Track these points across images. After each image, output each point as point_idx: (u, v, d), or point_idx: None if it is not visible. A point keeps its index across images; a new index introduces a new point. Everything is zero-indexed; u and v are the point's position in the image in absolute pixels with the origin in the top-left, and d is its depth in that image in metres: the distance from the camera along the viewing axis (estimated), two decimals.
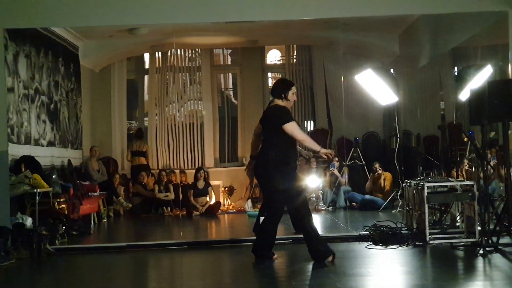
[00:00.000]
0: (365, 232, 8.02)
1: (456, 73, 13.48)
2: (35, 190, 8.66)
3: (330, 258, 6.45)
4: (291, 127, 6.53)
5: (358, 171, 12.91)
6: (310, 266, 6.61)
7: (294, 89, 6.79)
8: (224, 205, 13.06)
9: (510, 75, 8.78)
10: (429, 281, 5.56)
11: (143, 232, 10.33)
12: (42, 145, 10.50)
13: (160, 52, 14.38)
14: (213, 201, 12.65)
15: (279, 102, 6.72)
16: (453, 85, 13.24)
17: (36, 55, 10.39)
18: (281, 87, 6.79)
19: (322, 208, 11.94)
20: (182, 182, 12.98)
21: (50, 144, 10.86)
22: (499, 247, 6.93)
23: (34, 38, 10.28)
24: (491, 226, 7.31)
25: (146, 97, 14.93)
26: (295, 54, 15.04)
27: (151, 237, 9.82)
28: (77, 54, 12.51)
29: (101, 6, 8.83)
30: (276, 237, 8.51)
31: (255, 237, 8.24)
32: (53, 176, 9.53)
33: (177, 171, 13.35)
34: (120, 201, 12.04)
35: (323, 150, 6.65)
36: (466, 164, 10.81)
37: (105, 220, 11.26)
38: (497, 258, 6.61)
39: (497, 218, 7.70)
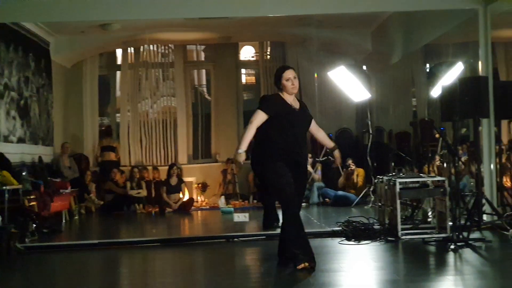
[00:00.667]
0: (338, 228, 8.04)
1: (428, 70, 13.60)
2: (4, 187, 8.55)
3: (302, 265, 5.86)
4: (254, 114, 6.07)
5: (331, 167, 12.96)
6: (284, 262, 6.61)
7: (286, 75, 6.08)
8: (197, 201, 13.03)
9: (480, 72, 8.87)
10: (401, 276, 5.59)
11: (115, 230, 10.27)
12: (12, 142, 10.37)
13: (132, 48, 14.28)
14: (186, 197, 12.61)
15: (280, 92, 6.18)
16: (425, 82, 13.36)
17: (5, 51, 10.26)
18: (274, 78, 6.24)
19: None
20: (154, 179, 12.94)
21: (21, 140, 10.73)
22: (470, 242, 7.00)
23: (4, 33, 10.14)
24: (462, 222, 7.39)
25: (118, 93, 14.82)
26: (268, 50, 15.04)
27: (123, 235, 9.77)
28: (48, 49, 12.38)
29: (73, 1, 8.75)
30: (249, 233, 8.59)
31: (230, 234, 8.30)
32: (23, 173, 9.43)
33: (150, 168, 13.29)
34: (91, 198, 11.95)
35: (237, 158, 5.92)
36: (437, 160, 10.90)
37: (77, 217, 11.16)
38: (467, 253, 6.67)
39: (468, 213, 7.78)
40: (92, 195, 12.00)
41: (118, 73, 14.74)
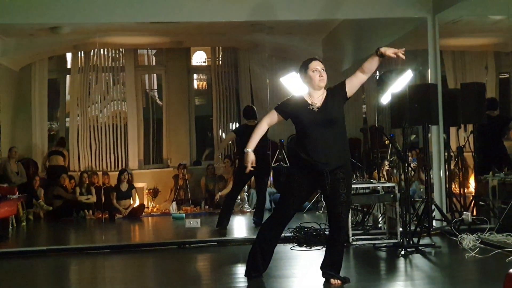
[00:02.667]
0: (290, 234, 8.05)
1: (377, 77, 13.74)
2: None
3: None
4: None
5: (283, 173, 12.98)
6: (235, 269, 6.62)
7: (313, 65, 5.55)
8: (148, 207, 12.90)
9: (429, 80, 9.03)
10: (352, 281, 5.63)
11: (64, 236, 10.12)
12: None
13: (82, 52, 14.09)
14: (136, 203, 12.48)
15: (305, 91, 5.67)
16: (375, 88, 13.49)
17: None
18: (299, 72, 5.70)
19: (248, 210, 11.96)
20: (104, 184, 12.77)
21: None
22: (420, 247, 7.11)
23: None
24: (412, 227, 7.49)
25: (67, 97, 14.59)
26: (220, 56, 15.03)
27: (72, 241, 9.62)
28: None
29: (22, 3, 8.59)
30: (201, 239, 8.57)
31: (182, 240, 8.26)
32: None
33: (100, 173, 13.12)
34: (40, 203, 11.74)
35: (245, 158, 5.57)
36: (386, 164, 11.02)
37: (25, 224, 10.93)
38: (417, 258, 6.77)
39: (418, 219, 7.90)
40: (40, 201, 11.79)
41: (68, 77, 14.51)
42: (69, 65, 14.53)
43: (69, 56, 14.45)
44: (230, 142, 10.11)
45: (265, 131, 5.70)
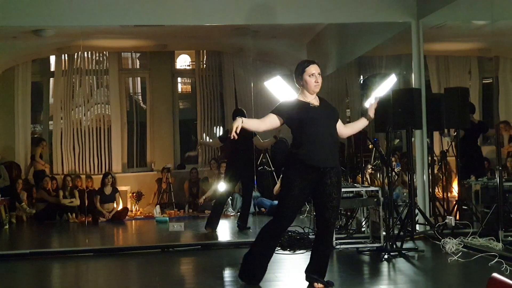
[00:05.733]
0: None
1: (361, 82, 13.81)
2: None
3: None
4: None
5: (267, 177, 13.00)
6: (219, 272, 6.61)
7: (310, 69, 5.41)
8: (131, 211, 12.85)
9: (413, 84, 9.08)
10: (336, 285, 5.63)
11: (47, 239, 10.05)
12: None
13: (66, 55, 14.02)
14: (120, 207, 12.43)
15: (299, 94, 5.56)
16: (359, 93, 13.55)
17: None
18: (294, 74, 5.53)
19: (231, 214, 11.95)
20: (88, 188, 12.71)
21: None
22: (403, 251, 7.14)
23: None
24: (396, 231, 7.52)
25: (51, 100, 14.51)
26: (205, 59, 15.02)
27: (55, 244, 9.56)
28: None
29: (4, 5, 8.53)
30: (184, 243, 8.55)
31: (165, 243, 8.23)
32: None
33: (83, 176, 13.06)
34: (23, 207, 11.67)
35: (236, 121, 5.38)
36: (369, 167, 11.06)
37: (7, 227, 10.87)
38: (401, 262, 6.79)
39: (401, 223, 7.93)
40: (23, 204, 11.72)
41: (52, 80, 14.44)
42: (52, 68, 14.46)
43: (52, 59, 14.38)
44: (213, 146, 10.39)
45: (257, 127, 5.71)
